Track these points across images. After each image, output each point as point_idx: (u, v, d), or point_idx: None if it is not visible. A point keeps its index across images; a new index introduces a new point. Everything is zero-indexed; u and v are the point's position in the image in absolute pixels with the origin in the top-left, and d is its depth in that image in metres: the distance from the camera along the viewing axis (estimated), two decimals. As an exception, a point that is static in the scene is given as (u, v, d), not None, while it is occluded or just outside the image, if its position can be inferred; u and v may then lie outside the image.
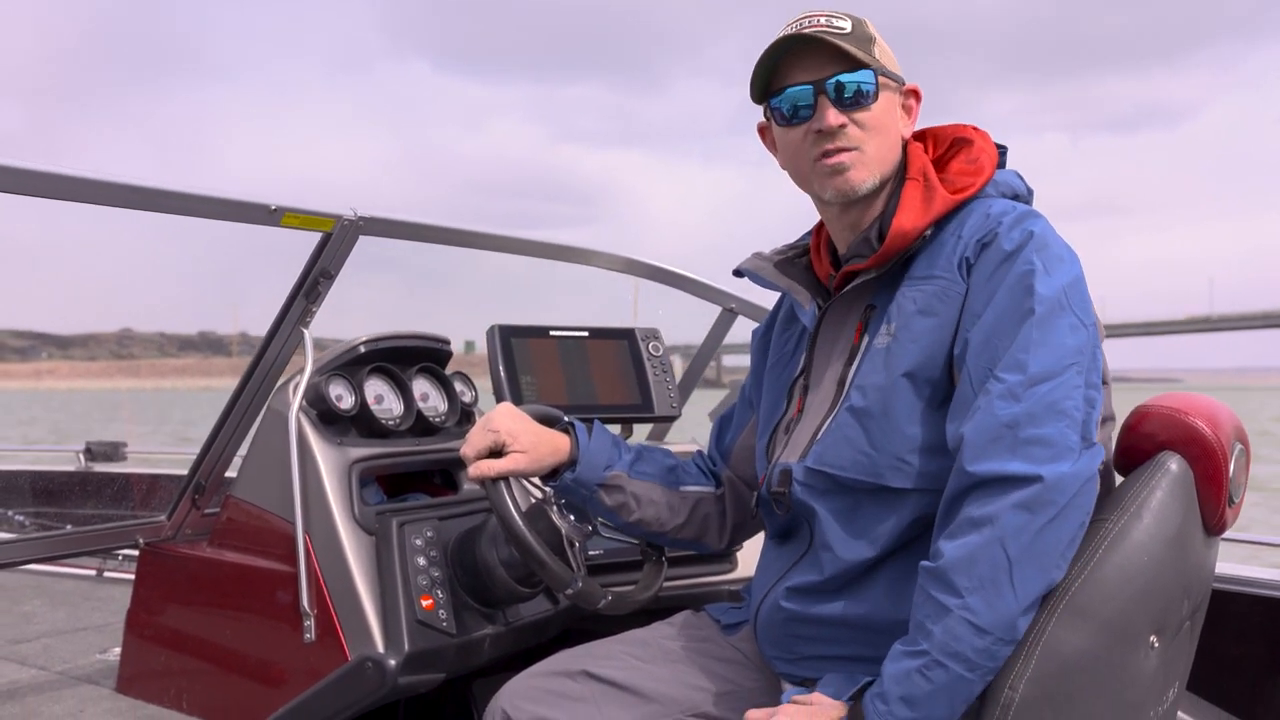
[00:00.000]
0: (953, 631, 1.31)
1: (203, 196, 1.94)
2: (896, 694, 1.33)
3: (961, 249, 1.48)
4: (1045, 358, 1.36)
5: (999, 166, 1.60)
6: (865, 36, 1.56)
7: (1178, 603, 1.43)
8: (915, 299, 1.50)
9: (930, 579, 1.34)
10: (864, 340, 1.56)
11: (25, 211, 15.65)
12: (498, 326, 2.35)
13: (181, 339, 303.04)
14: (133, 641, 2.33)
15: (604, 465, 1.78)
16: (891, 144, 1.58)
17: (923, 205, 1.52)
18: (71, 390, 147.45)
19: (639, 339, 2.53)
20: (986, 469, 1.33)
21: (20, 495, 4.59)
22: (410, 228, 2.26)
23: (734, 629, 1.78)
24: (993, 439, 1.34)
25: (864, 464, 1.49)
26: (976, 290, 1.45)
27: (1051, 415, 1.34)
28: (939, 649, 1.31)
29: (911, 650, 1.34)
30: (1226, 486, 1.45)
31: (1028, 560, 1.30)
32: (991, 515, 1.31)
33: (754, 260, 1.75)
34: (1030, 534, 1.30)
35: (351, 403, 2.11)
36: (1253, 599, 2.13)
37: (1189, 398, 1.51)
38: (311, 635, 1.91)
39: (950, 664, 1.31)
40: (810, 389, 1.63)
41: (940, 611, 1.32)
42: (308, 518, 1.96)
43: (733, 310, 2.98)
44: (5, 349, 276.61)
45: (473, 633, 1.95)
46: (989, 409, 1.36)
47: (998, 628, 1.31)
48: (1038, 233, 1.44)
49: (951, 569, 1.32)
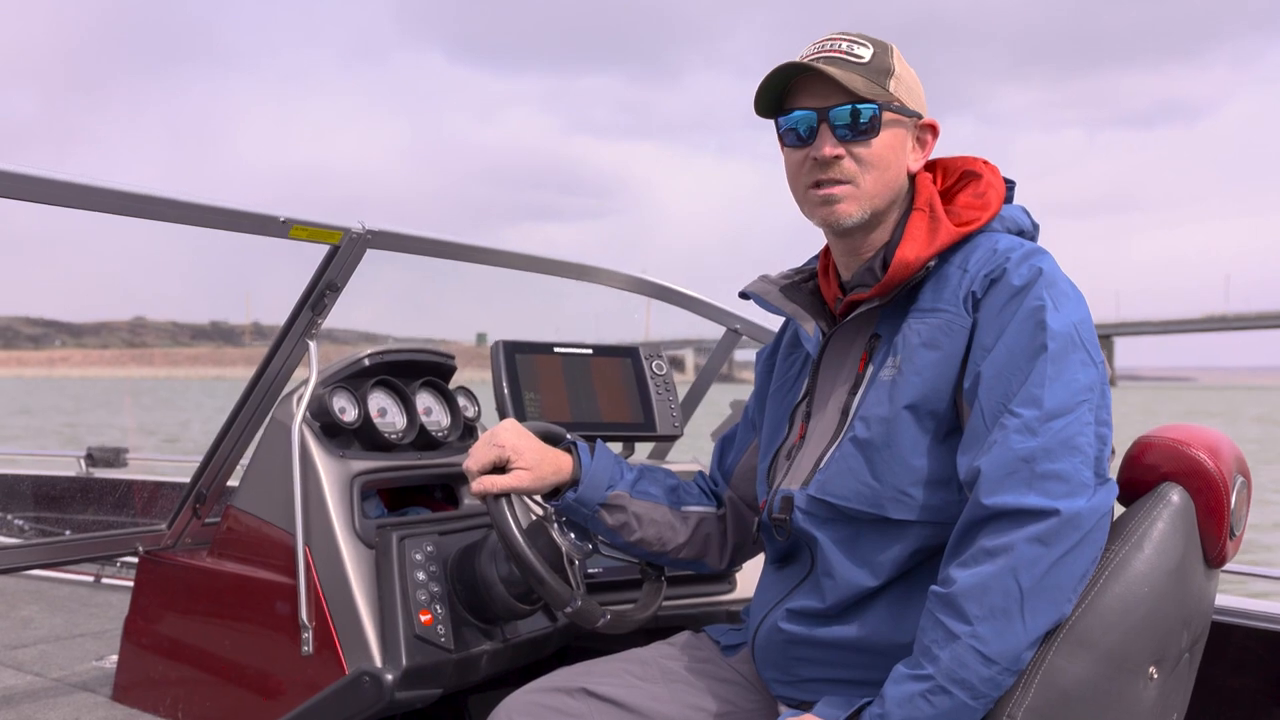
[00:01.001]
0: (960, 659, 1.31)
1: (212, 207, 1.94)
2: (898, 716, 1.33)
3: (968, 283, 1.49)
4: (1059, 393, 1.37)
5: (1007, 201, 1.61)
6: (883, 68, 1.56)
7: (1177, 634, 1.43)
8: (920, 332, 1.50)
9: (940, 605, 1.34)
10: (868, 370, 1.56)
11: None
12: (502, 343, 2.35)
13: (194, 328, 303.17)
14: (130, 649, 2.33)
15: (606, 485, 1.78)
16: (890, 179, 1.58)
17: (927, 237, 1.53)
18: (85, 378, 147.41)
19: (642, 357, 2.53)
20: (1003, 502, 1.33)
21: (21, 500, 4.59)
22: (417, 241, 2.26)
23: (733, 650, 1.78)
24: (1009, 473, 1.34)
25: (866, 495, 1.49)
26: (986, 324, 1.45)
27: (1066, 451, 1.34)
28: (945, 675, 1.31)
29: (916, 674, 1.34)
30: (1228, 519, 1.45)
31: (1040, 593, 1.31)
32: (1007, 545, 1.32)
33: (760, 284, 1.76)
34: (1044, 566, 1.31)
35: (355, 415, 2.11)
36: (1252, 632, 2.12)
37: (1191, 429, 1.51)
38: (309, 648, 1.91)
39: (955, 691, 1.31)
40: (813, 415, 1.64)
41: (948, 638, 1.32)
42: (308, 530, 1.96)
43: (737, 331, 2.99)
44: (20, 336, 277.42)
45: (471, 648, 1.94)
46: (1005, 443, 1.36)
47: (1004, 657, 1.31)
48: (1046, 270, 1.44)
49: (963, 596, 1.32)
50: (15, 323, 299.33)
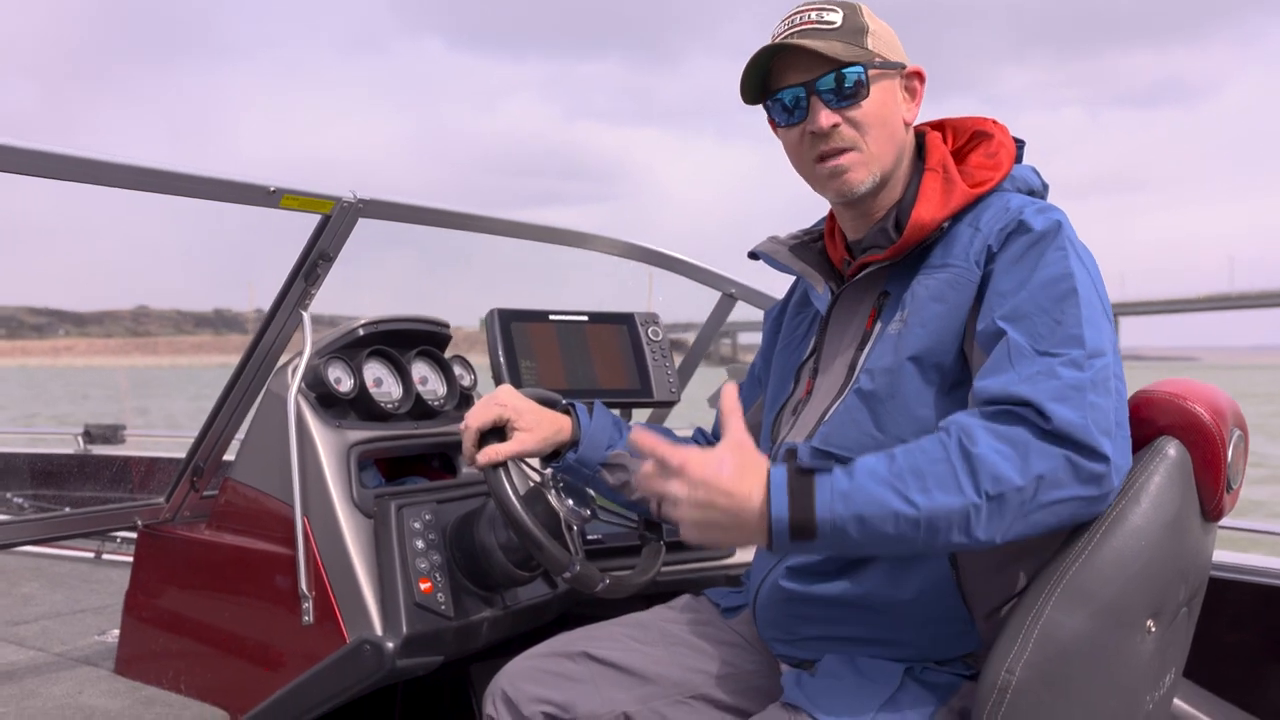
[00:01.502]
0: (949, 516, 1.27)
1: (202, 177, 1.93)
2: (861, 501, 1.29)
3: (980, 240, 1.48)
4: (1095, 337, 1.35)
5: (1017, 160, 1.60)
6: (856, 27, 1.55)
7: (1175, 587, 1.43)
8: (929, 287, 1.50)
9: (961, 454, 1.29)
10: (876, 326, 1.56)
11: (39, 191, 15.74)
12: (497, 311, 2.34)
13: (197, 316, 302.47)
14: (131, 623, 2.33)
15: (605, 445, 1.80)
16: (891, 134, 1.57)
17: (942, 198, 1.53)
18: (89, 366, 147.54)
19: (638, 323, 2.53)
20: (1066, 416, 1.28)
21: (18, 477, 4.59)
22: (409, 210, 2.25)
23: (733, 612, 1.79)
24: (1061, 397, 1.30)
25: (870, 446, 1.48)
26: (1003, 271, 1.44)
27: (1105, 392, 1.32)
28: (926, 517, 1.27)
29: (905, 495, 1.28)
30: (1225, 472, 1.45)
31: (1037, 515, 1.28)
32: (1043, 452, 1.27)
33: (769, 243, 1.75)
34: (1060, 494, 1.28)
35: (350, 385, 2.11)
36: (1250, 587, 2.13)
37: (1190, 384, 1.51)
38: (310, 618, 1.91)
39: (921, 533, 1.28)
40: (820, 372, 1.64)
41: (954, 489, 1.27)
42: (306, 500, 1.96)
43: (732, 295, 2.98)
44: (24, 326, 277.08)
45: (471, 616, 1.95)
46: (1052, 372, 1.32)
47: (979, 542, 1.29)
48: (1065, 225, 1.45)
49: (985, 466, 1.27)
50: (19, 312, 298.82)
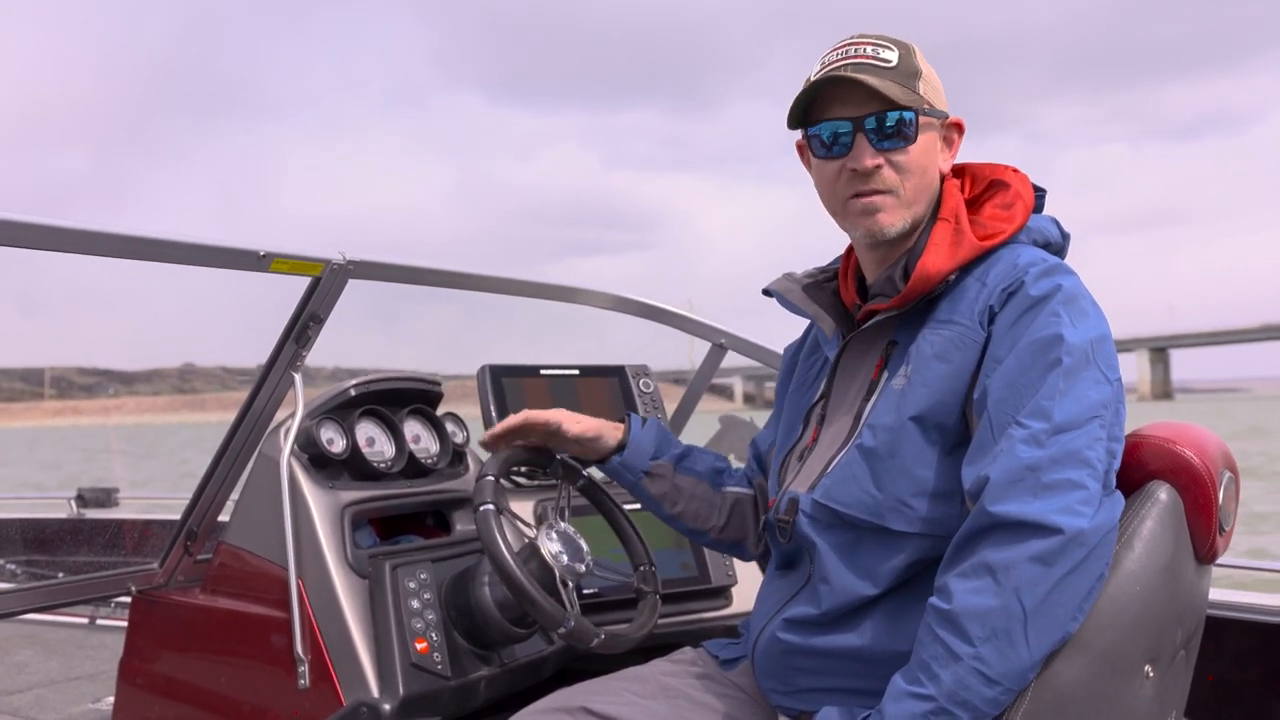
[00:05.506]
0: (963, 680, 1.28)
1: (191, 244, 1.94)
2: None
3: (985, 297, 1.47)
4: (1070, 408, 1.35)
5: (1036, 210, 1.59)
6: (911, 70, 1.54)
7: (1171, 631, 1.43)
8: (934, 343, 1.49)
9: (940, 621, 1.32)
10: (883, 376, 1.55)
11: (80, 257, 15.26)
12: (488, 367, 2.35)
13: (242, 373, 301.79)
14: (126, 690, 2.31)
15: (651, 454, 1.85)
16: (928, 183, 1.57)
17: (950, 249, 1.51)
18: (138, 425, 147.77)
19: (629, 376, 2.53)
20: (1006, 511, 1.31)
21: (12, 544, 4.56)
22: (399, 270, 2.27)
23: (732, 664, 1.78)
24: (1014, 481, 1.32)
25: (868, 504, 1.49)
26: (1000, 337, 1.43)
27: (1073, 462, 1.32)
28: (947, 696, 1.29)
29: (917, 693, 1.31)
30: (1216, 515, 1.46)
31: (1043, 613, 1.28)
32: (1008, 564, 1.29)
33: (783, 281, 1.75)
34: (1047, 586, 1.28)
35: (343, 446, 2.11)
36: (1248, 625, 2.13)
37: (1179, 426, 1.52)
38: (306, 681, 1.90)
39: (958, 712, 1.28)
40: (827, 419, 1.64)
41: (950, 657, 1.29)
42: (300, 563, 1.95)
43: (722, 345, 2.99)
44: (74, 386, 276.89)
45: (468, 675, 1.94)
46: (1011, 452, 1.34)
47: (1008, 678, 1.28)
48: (1066, 286, 1.42)
49: (964, 615, 1.29)
50: (69, 373, 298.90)
